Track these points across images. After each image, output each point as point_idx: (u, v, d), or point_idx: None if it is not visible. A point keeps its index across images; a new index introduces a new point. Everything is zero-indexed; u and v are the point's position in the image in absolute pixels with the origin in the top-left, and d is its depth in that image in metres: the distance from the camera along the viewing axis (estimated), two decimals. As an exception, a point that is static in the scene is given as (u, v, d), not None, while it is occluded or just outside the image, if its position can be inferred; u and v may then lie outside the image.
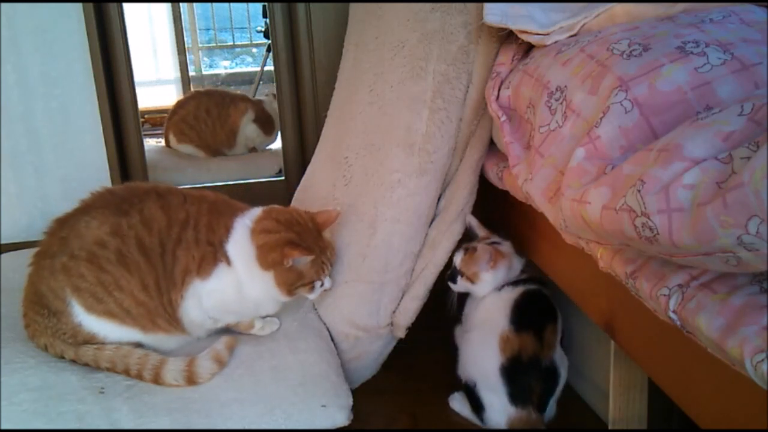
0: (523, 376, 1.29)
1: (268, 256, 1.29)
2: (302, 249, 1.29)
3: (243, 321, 1.40)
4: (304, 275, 1.31)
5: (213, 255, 1.29)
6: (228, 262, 1.30)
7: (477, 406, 1.35)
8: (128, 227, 1.26)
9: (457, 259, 1.41)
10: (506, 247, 1.41)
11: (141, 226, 1.27)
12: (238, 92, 2.92)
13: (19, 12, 1.81)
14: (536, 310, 1.34)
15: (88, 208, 1.30)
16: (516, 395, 1.29)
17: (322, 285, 1.36)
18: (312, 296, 1.37)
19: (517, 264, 1.41)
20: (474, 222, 1.47)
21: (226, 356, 1.29)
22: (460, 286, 1.41)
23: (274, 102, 2.75)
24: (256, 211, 1.36)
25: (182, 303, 1.29)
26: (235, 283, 1.31)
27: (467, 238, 1.50)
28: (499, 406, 1.31)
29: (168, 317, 1.30)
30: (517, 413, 1.29)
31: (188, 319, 1.32)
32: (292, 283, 1.31)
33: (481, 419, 1.35)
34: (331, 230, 1.41)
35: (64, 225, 1.30)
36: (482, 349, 1.33)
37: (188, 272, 1.28)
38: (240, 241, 1.31)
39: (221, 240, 1.30)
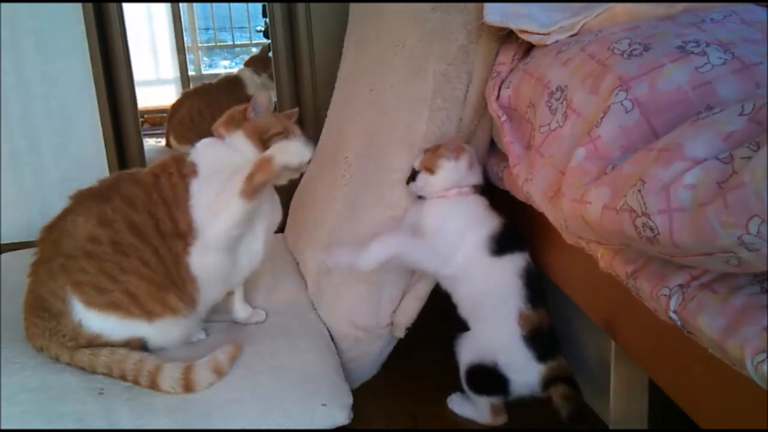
0: (545, 340, 1.32)
1: (231, 120, 1.38)
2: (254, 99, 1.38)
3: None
4: (270, 126, 1.37)
5: (184, 188, 1.31)
6: (195, 172, 1.32)
7: (498, 382, 1.33)
8: (113, 212, 1.27)
9: (416, 162, 1.42)
10: (471, 151, 1.43)
11: (126, 206, 1.28)
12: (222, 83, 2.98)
13: (19, 12, 1.82)
14: (542, 285, 1.35)
15: (70, 208, 1.31)
16: (543, 355, 1.31)
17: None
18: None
19: (477, 170, 1.42)
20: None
21: (227, 366, 1.25)
22: (420, 180, 1.40)
23: (245, 71, 2.93)
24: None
25: (192, 252, 1.30)
26: (212, 178, 1.32)
27: None
28: (529, 368, 1.31)
29: (177, 289, 1.29)
30: (547, 366, 1.31)
31: (202, 270, 1.33)
32: (264, 132, 1.36)
33: (505, 393, 1.34)
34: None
35: (52, 230, 1.30)
36: (498, 324, 1.33)
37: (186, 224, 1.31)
38: (200, 145, 1.38)
39: (188, 166, 1.34)
